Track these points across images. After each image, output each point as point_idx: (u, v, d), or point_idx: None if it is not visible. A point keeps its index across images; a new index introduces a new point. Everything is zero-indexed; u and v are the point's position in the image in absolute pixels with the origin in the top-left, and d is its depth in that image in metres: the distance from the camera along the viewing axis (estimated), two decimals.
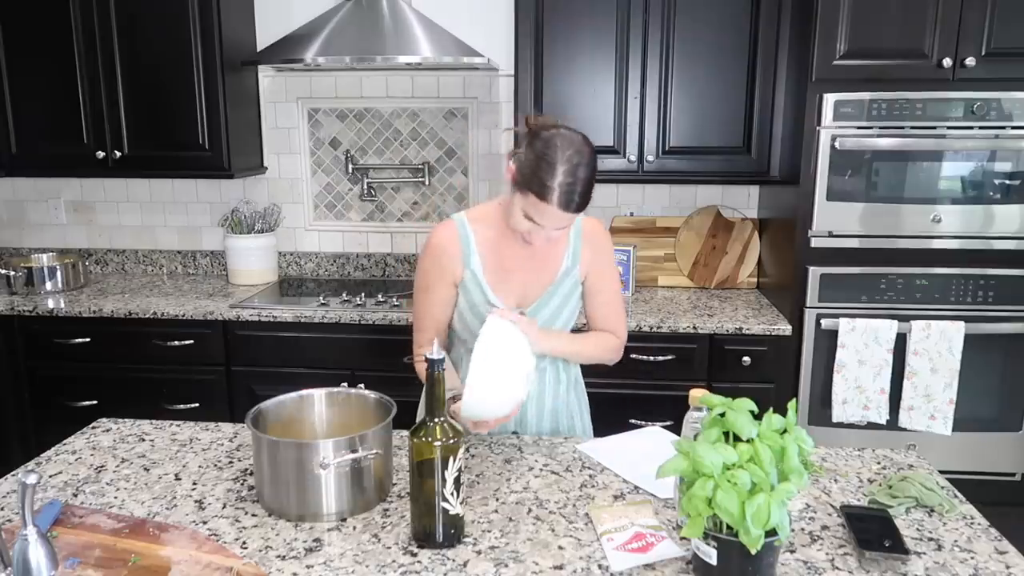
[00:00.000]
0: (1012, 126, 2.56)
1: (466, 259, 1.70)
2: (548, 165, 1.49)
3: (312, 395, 1.57)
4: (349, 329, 2.82)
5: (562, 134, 1.54)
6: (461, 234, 1.70)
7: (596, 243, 1.76)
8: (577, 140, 1.54)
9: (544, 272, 1.72)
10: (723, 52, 2.83)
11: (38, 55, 3.04)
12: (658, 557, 1.23)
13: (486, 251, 1.70)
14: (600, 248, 1.77)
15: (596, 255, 1.76)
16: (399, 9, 2.92)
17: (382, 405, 1.51)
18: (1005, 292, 2.66)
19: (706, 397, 1.22)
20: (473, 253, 1.70)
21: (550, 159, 1.50)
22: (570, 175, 1.49)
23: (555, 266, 1.73)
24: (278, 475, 1.36)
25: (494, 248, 1.71)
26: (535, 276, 1.72)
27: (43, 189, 3.55)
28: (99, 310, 2.89)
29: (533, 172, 1.51)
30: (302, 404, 1.56)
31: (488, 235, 1.71)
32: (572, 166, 1.50)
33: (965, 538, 1.31)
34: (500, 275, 1.71)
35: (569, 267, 1.73)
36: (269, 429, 1.46)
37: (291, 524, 1.34)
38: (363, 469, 1.36)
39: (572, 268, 1.74)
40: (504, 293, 1.71)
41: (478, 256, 1.70)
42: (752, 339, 2.70)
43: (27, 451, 2.90)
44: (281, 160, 3.42)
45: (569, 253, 1.74)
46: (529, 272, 1.71)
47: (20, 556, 1.05)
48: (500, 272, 1.71)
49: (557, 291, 1.72)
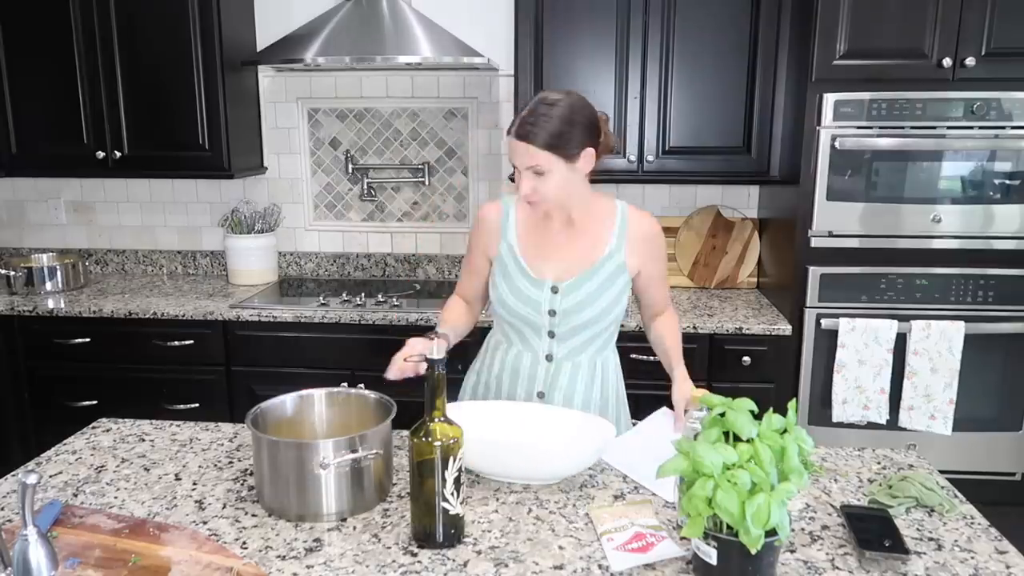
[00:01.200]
0: (1012, 126, 2.56)
1: (503, 232, 1.79)
2: (516, 116, 1.63)
3: (312, 395, 1.57)
4: (349, 329, 2.82)
5: (553, 89, 1.68)
6: (503, 210, 1.81)
7: (644, 240, 1.78)
8: (564, 92, 1.65)
9: (584, 254, 1.75)
10: (723, 52, 2.83)
11: (38, 55, 3.04)
12: (658, 557, 1.23)
13: (525, 229, 1.78)
14: (648, 246, 1.79)
15: (647, 255, 1.78)
16: (399, 9, 2.92)
17: (382, 405, 1.51)
18: (1005, 292, 2.66)
19: (706, 397, 1.22)
20: (511, 228, 1.79)
21: (526, 103, 1.63)
22: (532, 110, 1.60)
23: (598, 250, 1.75)
24: (278, 475, 1.36)
25: (534, 227, 1.78)
26: (574, 257, 1.75)
27: (43, 189, 3.55)
28: (99, 310, 2.89)
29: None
30: (302, 404, 1.56)
31: (526, 216, 1.79)
32: (538, 102, 1.61)
33: (965, 538, 1.31)
34: (537, 252, 1.77)
35: (613, 251, 1.75)
36: (269, 429, 1.46)
37: (291, 524, 1.34)
38: (363, 469, 1.36)
39: (616, 253, 1.75)
40: (539, 269, 1.76)
41: (515, 232, 1.78)
42: (752, 339, 2.70)
43: (27, 451, 2.90)
44: (281, 160, 3.42)
45: (615, 236, 1.76)
46: (568, 252, 1.76)
47: (20, 556, 1.05)
48: (537, 250, 1.77)
49: (597, 273, 1.74)
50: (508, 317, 1.79)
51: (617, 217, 1.77)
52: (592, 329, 1.76)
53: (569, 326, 1.75)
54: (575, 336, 1.76)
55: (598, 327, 1.77)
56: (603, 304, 1.74)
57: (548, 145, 1.60)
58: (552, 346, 1.78)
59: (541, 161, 1.60)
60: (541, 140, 1.59)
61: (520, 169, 1.63)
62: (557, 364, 1.79)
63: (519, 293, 1.75)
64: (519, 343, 1.81)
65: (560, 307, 1.73)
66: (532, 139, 1.59)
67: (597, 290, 1.74)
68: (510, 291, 1.76)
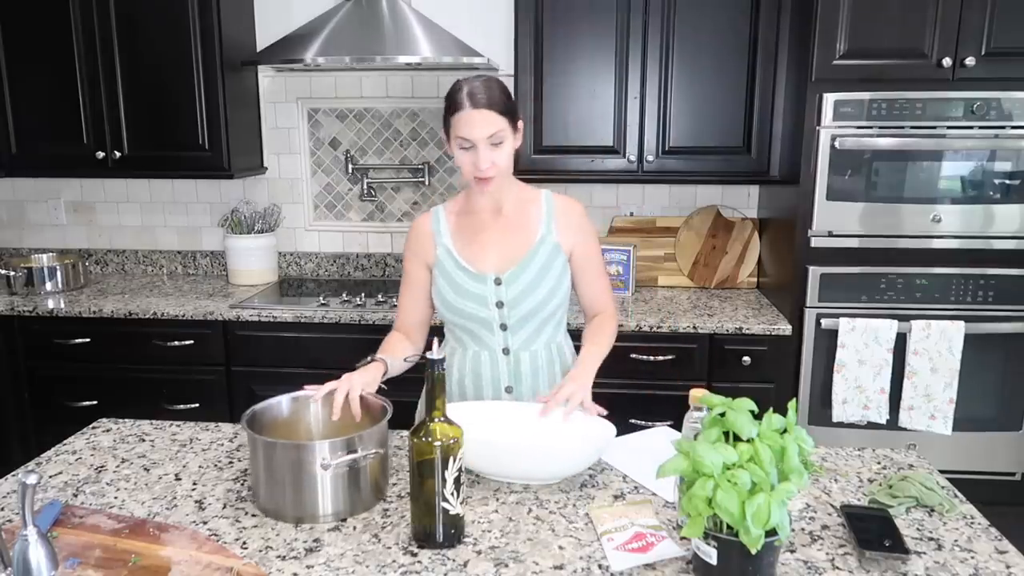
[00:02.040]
0: (1012, 126, 2.56)
1: (437, 236, 1.81)
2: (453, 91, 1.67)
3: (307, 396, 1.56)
4: (349, 329, 2.82)
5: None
6: (433, 218, 1.84)
7: (571, 218, 1.80)
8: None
9: (518, 242, 1.77)
10: (723, 52, 2.83)
11: (38, 55, 3.04)
12: (658, 557, 1.23)
13: (458, 229, 1.81)
14: (576, 223, 1.81)
15: (576, 231, 1.80)
16: (399, 9, 2.92)
17: (378, 406, 1.51)
18: (1005, 292, 2.66)
19: (706, 397, 1.22)
20: (444, 232, 1.81)
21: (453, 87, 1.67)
22: (475, 84, 1.65)
23: (531, 236, 1.78)
24: (275, 477, 1.36)
25: (466, 226, 1.81)
26: (510, 247, 1.77)
27: (43, 189, 3.55)
28: (99, 310, 2.89)
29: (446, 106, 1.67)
30: (297, 406, 1.55)
31: (458, 215, 1.82)
32: (475, 79, 1.66)
33: (965, 538, 1.31)
34: (474, 248, 1.79)
35: (544, 234, 1.77)
36: (265, 431, 1.46)
37: (291, 524, 1.34)
38: (360, 470, 1.36)
39: (547, 236, 1.77)
40: (479, 264, 1.77)
41: (449, 234, 1.81)
42: (752, 339, 2.70)
43: (27, 451, 2.90)
44: (281, 160, 3.42)
45: (543, 222, 1.78)
46: (503, 243, 1.78)
47: (20, 556, 1.05)
48: (473, 246, 1.79)
49: (534, 259, 1.76)
50: (457, 319, 1.79)
51: (543, 202, 1.80)
52: (540, 315, 1.78)
53: (519, 315, 1.76)
54: (526, 324, 1.78)
55: (546, 311, 1.78)
56: (547, 287, 1.76)
57: (506, 110, 1.65)
58: (507, 339, 1.79)
59: (502, 127, 1.64)
60: (499, 105, 1.64)
61: (478, 142, 1.63)
62: (515, 356, 1.80)
63: (463, 291, 1.76)
64: (474, 344, 1.81)
65: (507, 297, 1.75)
66: (492, 105, 1.62)
67: (538, 275, 1.75)
68: (454, 291, 1.77)
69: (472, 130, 1.63)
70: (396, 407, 1.50)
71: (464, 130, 1.63)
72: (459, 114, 1.63)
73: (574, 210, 1.82)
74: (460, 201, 1.85)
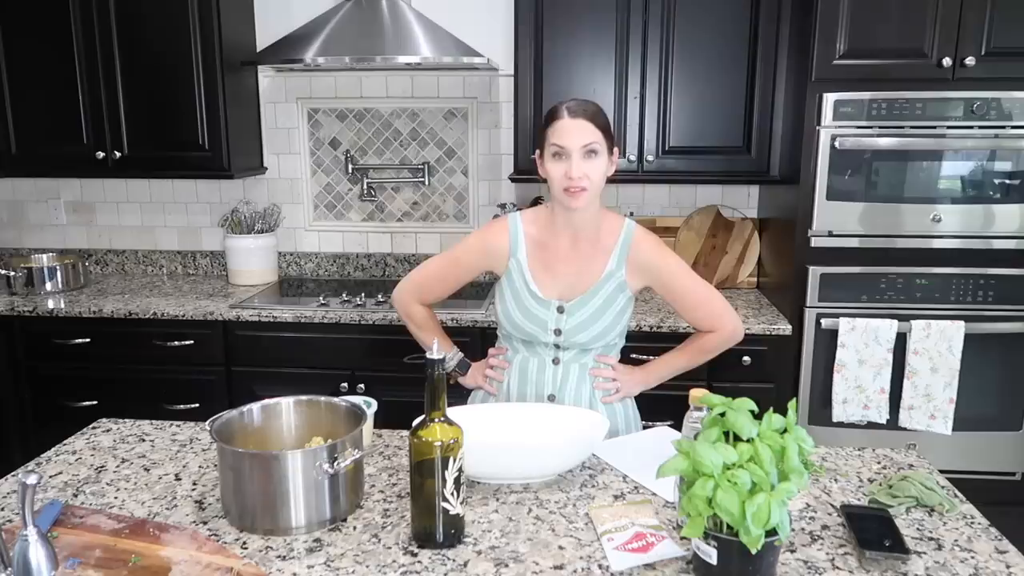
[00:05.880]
0: (1012, 126, 2.56)
1: (513, 249, 1.79)
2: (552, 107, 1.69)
3: (279, 404, 1.53)
4: (349, 329, 2.82)
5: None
6: (511, 228, 1.81)
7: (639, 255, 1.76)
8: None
9: (587, 272, 1.76)
10: (723, 52, 2.83)
11: (38, 56, 3.04)
12: (658, 557, 1.23)
13: (532, 245, 1.79)
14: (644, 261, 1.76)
15: (644, 271, 1.77)
16: (399, 9, 2.92)
17: (351, 412, 1.46)
18: (1005, 292, 2.66)
19: (706, 397, 1.22)
20: (520, 245, 1.79)
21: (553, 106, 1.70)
22: (569, 100, 1.68)
23: (599, 267, 1.76)
24: (245, 491, 1.30)
25: (541, 244, 1.79)
26: (577, 275, 1.77)
27: (43, 189, 3.55)
28: (99, 310, 2.89)
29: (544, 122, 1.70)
30: (267, 414, 1.51)
31: (536, 232, 1.80)
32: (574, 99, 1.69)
33: (965, 538, 1.31)
34: (543, 268, 1.78)
35: (613, 270, 1.76)
36: (235, 442, 1.41)
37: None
38: (338, 476, 1.31)
39: (616, 272, 1.76)
40: (546, 286, 1.77)
41: (524, 248, 1.79)
42: (752, 339, 2.68)
43: (27, 451, 2.89)
44: (281, 160, 3.42)
45: (615, 256, 1.76)
46: (572, 271, 1.77)
47: (20, 556, 1.05)
48: (544, 266, 1.78)
49: (599, 292, 1.75)
50: (516, 333, 1.81)
51: (621, 234, 1.77)
52: (595, 346, 1.80)
53: (575, 343, 1.77)
54: (581, 350, 1.80)
55: (601, 343, 1.80)
56: (606, 322, 1.76)
57: (603, 126, 1.64)
58: (560, 354, 1.81)
59: (598, 139, 1.63)
60: (597, 119, 1.64)
61: (572, 150, 1.62)
62: (565, 366, 1.81)
63: (526, 312, 1.77)
64: (525, 350, 1.84)
65: (565, 326, 1.76)
66: (590, 117, 1.63)
67: (599, 309, 1.75)
68: (518, 308, 1.78)
69: (568, 138, 1.62)
70: (396, 407, 1.50)
71: (559, 137, 1.63)
72: (556, 123, 1.64)
73: (643, 247, 1.76)
74: (542, 216, 1.80)
